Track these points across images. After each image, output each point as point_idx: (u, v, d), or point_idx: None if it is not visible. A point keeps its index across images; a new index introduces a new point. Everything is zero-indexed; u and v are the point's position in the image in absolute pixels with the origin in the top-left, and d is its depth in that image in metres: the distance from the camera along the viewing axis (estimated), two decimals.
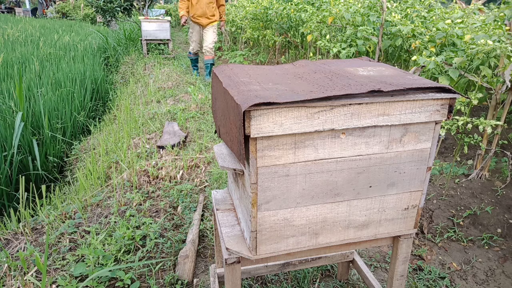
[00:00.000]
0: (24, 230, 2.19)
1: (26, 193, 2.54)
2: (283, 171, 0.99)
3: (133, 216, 2.27)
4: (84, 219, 2.27)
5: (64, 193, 3.25)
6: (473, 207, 2.36)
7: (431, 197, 2.51)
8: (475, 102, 2.35)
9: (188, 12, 5.81)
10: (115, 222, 2.20)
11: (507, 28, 2.63)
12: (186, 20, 5.88)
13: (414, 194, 1.14)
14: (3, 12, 21.60)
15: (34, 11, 22.00)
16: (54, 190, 3.31)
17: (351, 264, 1.79)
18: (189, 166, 2.95)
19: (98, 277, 1.77)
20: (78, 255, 1.93)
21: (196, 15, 5.77)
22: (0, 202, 3.37)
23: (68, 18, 19.22)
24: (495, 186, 2.53)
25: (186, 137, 3.50)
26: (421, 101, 1.00)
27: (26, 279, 1.75)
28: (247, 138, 0.94)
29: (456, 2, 4.20)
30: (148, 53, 7.89)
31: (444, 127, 2.46)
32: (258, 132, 0.92)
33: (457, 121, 2.39)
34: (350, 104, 0.95)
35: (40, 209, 2.55)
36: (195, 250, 2.00)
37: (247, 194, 1.04)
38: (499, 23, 2.96)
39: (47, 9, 21.67)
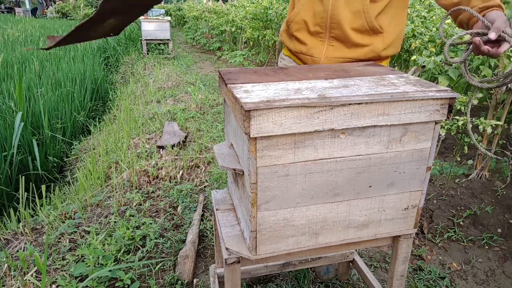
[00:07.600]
0: (24, 230, 2.19)
1: (26, 193, 2.54)
2: (283, 171, 0.99)
3: (133, 216, 2.27)
4: (84, 219, 2.27)
5: (64, 193, 3.25)
6: (473, 207, 2.36)
7: (431, 197, 2.51)
8: (475, 102, 2.35)
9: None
10: (115, 222, 2.20)
11: None
12: None
13: (414, 194, 1.14)
14: (3, 12, 21.60)
15: (34, 11, 22.00)
16: (54, 190, 3.31)
17: (351, 264, 1.79)
18: (189, 166, 2.95)
19: (98, 277, 1.77)
20: (78, 255, 1.93)
21: (297, 28, 1.42)
22: (0, 202, 3.37)
23: (68, 18, 19.23)
24: (495, 186, 2.53)
25: (186, 137, 3.50)
26: (421, 101, 1.00)
27: (26, 279, 1.75)
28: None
29: None
30: (148, 53, 7.89)
31: (444, 127, 2.46)
32: (258, 132, 0.92)
33: (457, 121, 2.38)
34: (349, 104, 0.95)
35: (40, 209, 2.55)
36: (195, 250, 2.00)
37: (247, 194, 1.04)
38: None
39: (47, 9, 21.66)
